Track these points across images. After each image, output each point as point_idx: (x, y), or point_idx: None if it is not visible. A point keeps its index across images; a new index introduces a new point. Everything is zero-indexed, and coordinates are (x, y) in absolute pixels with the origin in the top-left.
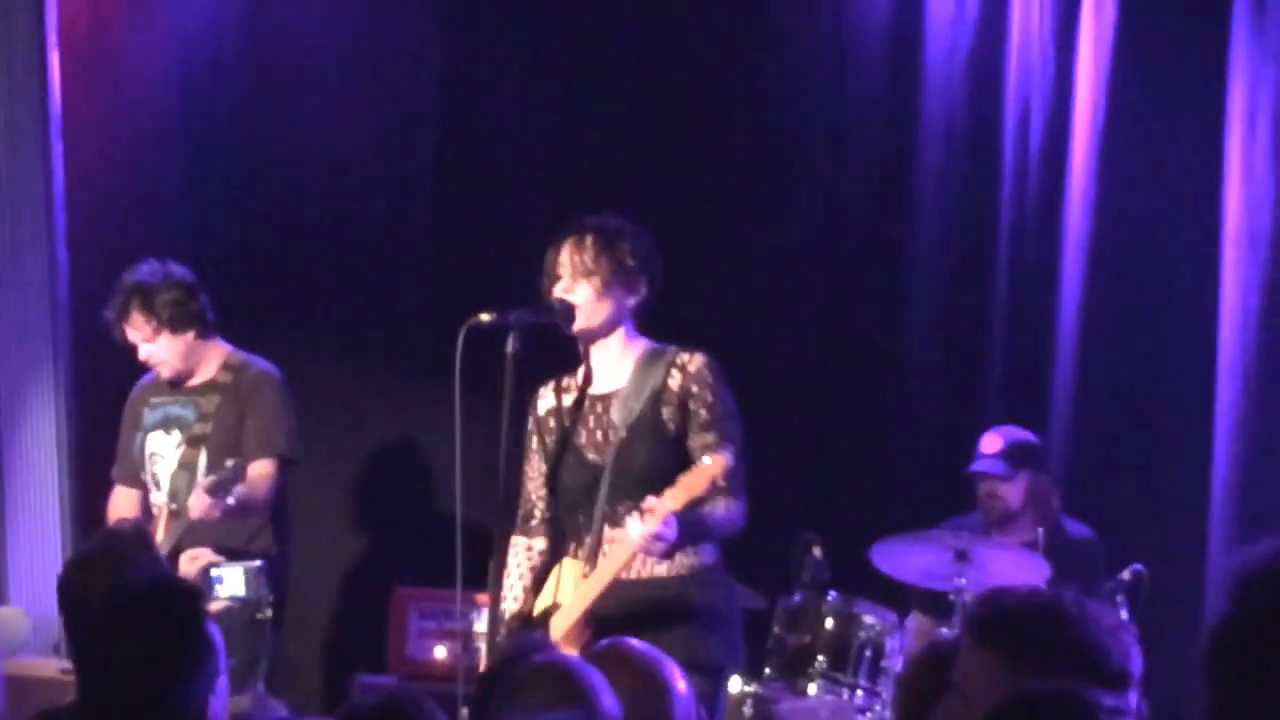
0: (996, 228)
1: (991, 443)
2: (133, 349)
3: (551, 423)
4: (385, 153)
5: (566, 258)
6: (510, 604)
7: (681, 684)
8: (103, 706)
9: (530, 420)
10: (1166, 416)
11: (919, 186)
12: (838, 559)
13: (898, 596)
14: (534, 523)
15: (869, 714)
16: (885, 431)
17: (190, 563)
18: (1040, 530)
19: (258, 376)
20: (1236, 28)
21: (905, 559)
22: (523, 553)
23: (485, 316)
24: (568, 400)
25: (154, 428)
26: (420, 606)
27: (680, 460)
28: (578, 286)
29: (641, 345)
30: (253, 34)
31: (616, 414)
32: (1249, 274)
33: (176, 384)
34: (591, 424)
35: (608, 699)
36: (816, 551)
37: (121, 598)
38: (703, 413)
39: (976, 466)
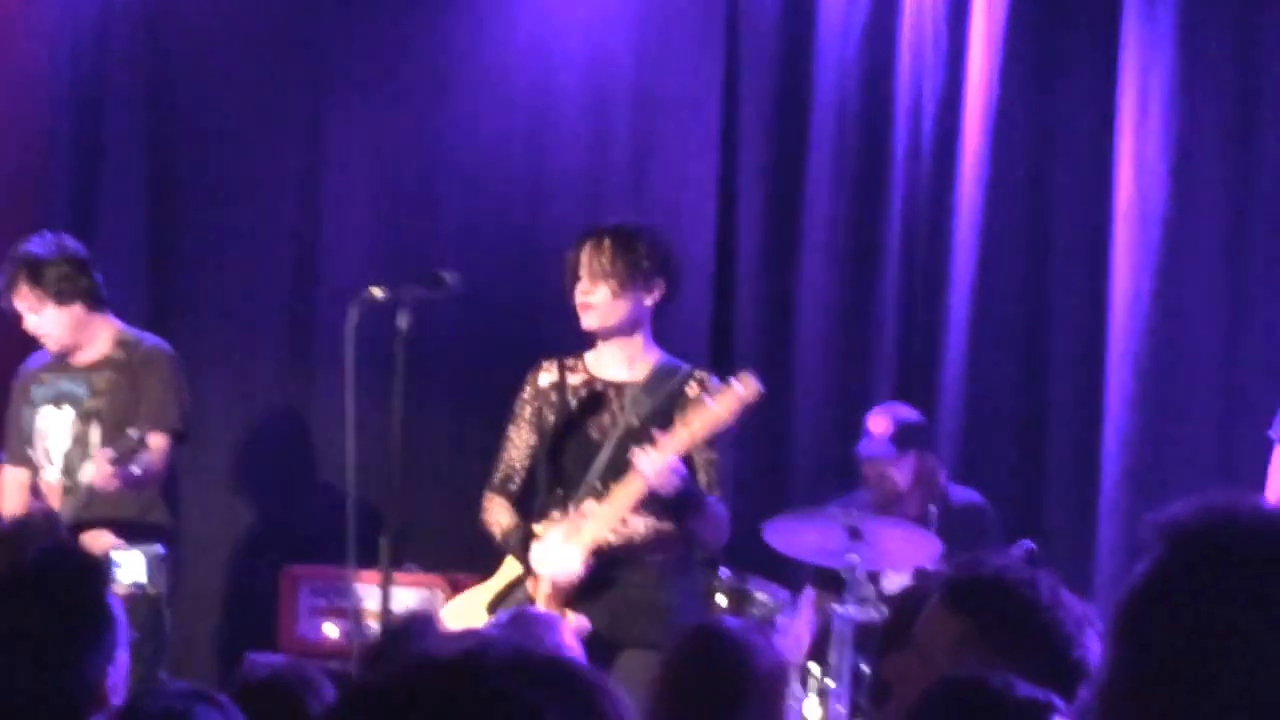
0: (889, 213)
1: (878, 424)
2: (20, 320)
3: (554, 397)
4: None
5: (585, 259)
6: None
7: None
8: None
9: (527, 390)
10: (1058, 396)
11: (812, 170)
12: (730, 537)
13: (791, 574)
14: (512, 487)
15: None
16: (777, 409)
17: (92, 542)
18: (931, 508)
19: (150, 352)
20: (1128, 10)
21: (798, 536)
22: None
23: (377, 292)
24: (574, 379)
25: (45, 403)
26: (311, 584)
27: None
28: (596, 288)
29: (658, 353)
30: (145, 26)
31: (629, 403)
32: (1141, 255)
33: (64, 359)
34: (600, 406)
35: None
36: None
37: (22, 567)
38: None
39: (865, 449)
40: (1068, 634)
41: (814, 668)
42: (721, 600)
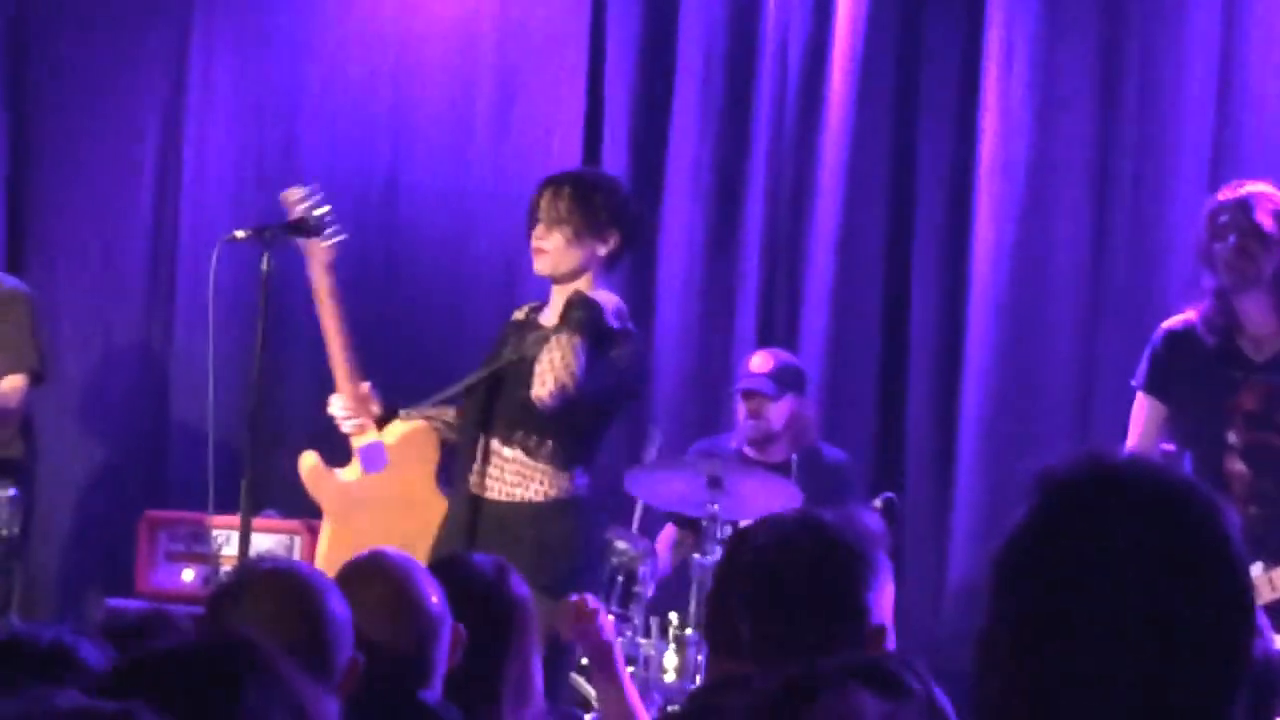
0: (753, 157)
1: (763, 362)
2: None
3: (509, 334)
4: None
5: (544, 204)
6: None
7: (435, 598)
8: None
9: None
10: (920, 344)
11: (677, 113)
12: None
13: (654, 520)
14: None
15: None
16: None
17: None
18: (793, 456)
19: (8, 294)
20: None
21: (660, 486)
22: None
23: (240, 233)
24: (527, 320)
25: None
26: (169, 529)
27: (577, 410)
28: (551, 233)
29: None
30: None
31: (530, 339)
32: (1004, 205)
33: None
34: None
35: (336, 604)
36: None
37: None
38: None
39: (746, 384)
40: (862, 579)
41: (673, 617)
42: None
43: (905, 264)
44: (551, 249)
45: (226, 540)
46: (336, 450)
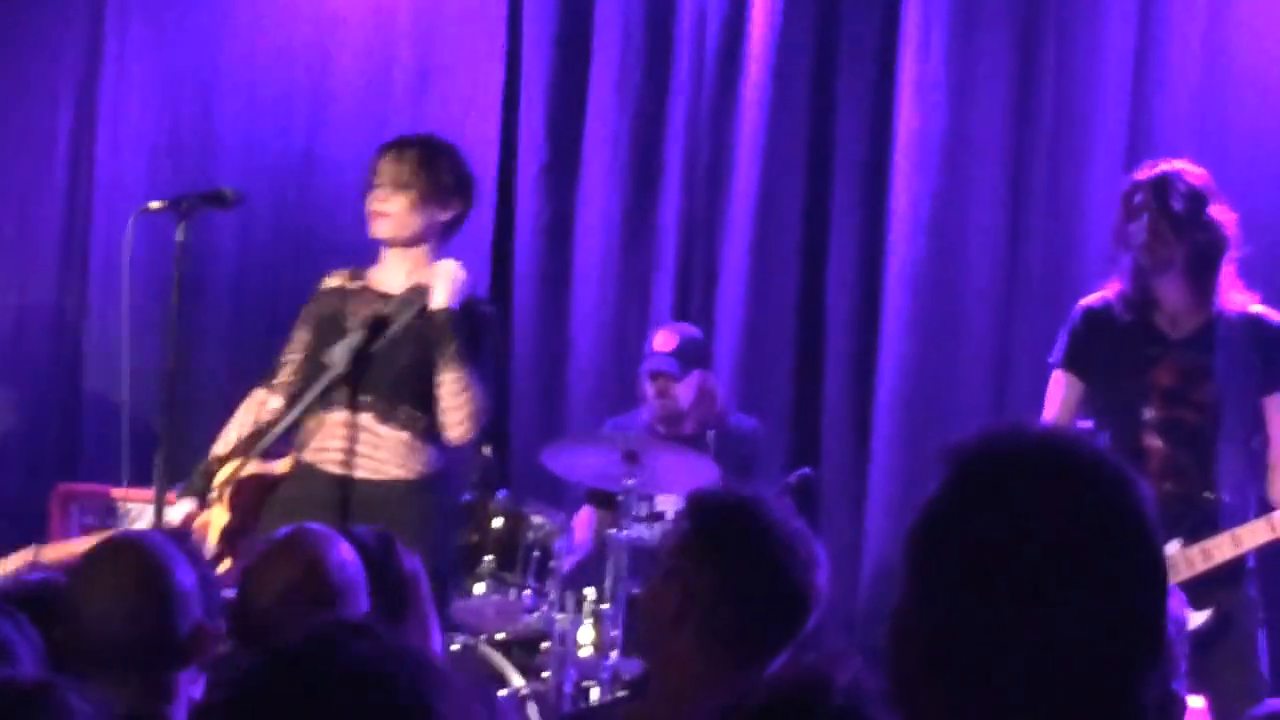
0: (670, 134)
1: (665, 341)
2: None
3: (334, 300)
4: None
5: (386, 167)
6: (219, 447)
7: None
8: None
9: (313, 294)
10: (836, 321)
11: (594, 91)
12: (509, 458)
13: (569, 496)
14: (276, 381)
15: (536, 614)
16: (557, 330)
17: None
18: (710, 433)
19: None
20: None
21: (576, 460)
22: (255, 406)
23: (155, 204)
24: (354, 285)
25: None
26: (81, 502)
27: (427, 381)
28: (393, 197)
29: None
30: None
31: (390, 306)
32: (920, 182)
33: None
34: (365, 315)
35: (183, 574)
36: (486, 451)
37: None
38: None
39: (651, 365)
40: (801, 562)
41: (589, 592)
42: (498, 523)
43: (822, 242)
44: (394, 213)
45: (140, 514)
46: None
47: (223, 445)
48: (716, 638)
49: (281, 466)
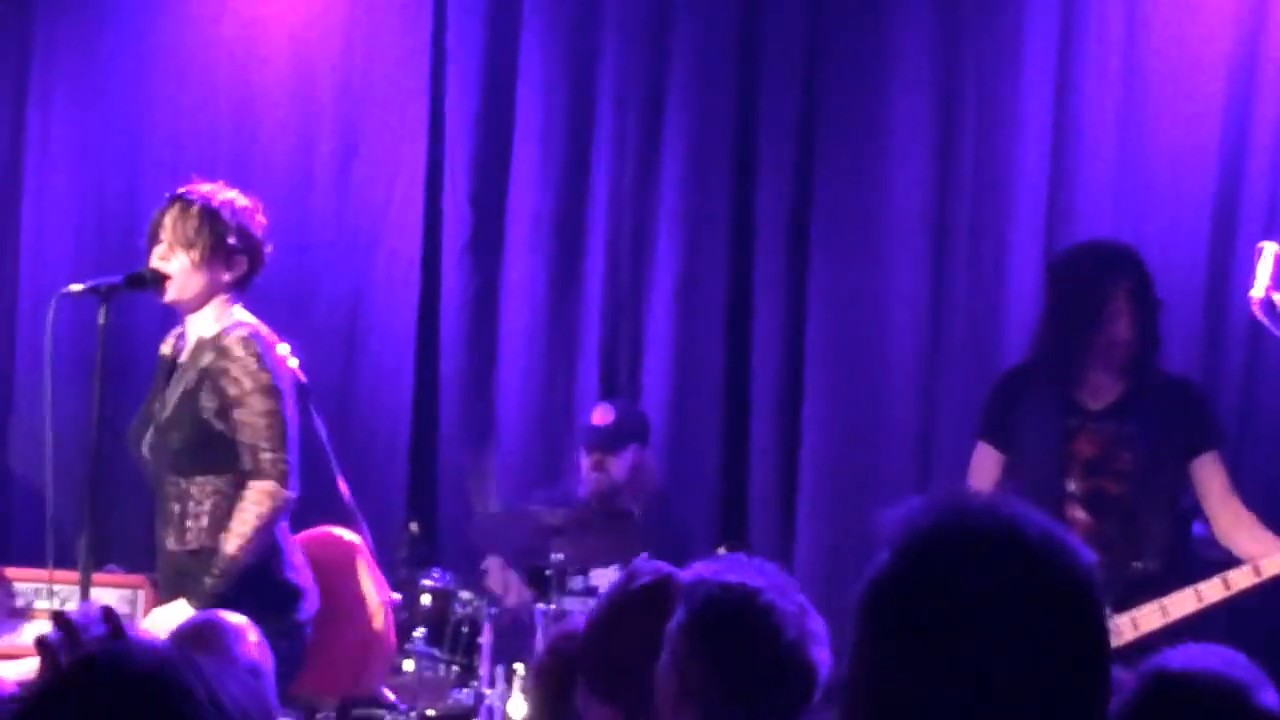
0: (594, 206)
1: (602, 415)
2: None
3: (159, 373)
4: None
5: (170, 223)
6: None
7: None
8: None
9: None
10: (761, 392)
11: (517, 164)
12: (436, 534)
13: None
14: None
15: (465, 690)
16: (483, 403)
17: None
18: (636, 506)
19: None
20: None
21: (503, 533)
22: None
23: (76, 286)
24: (172, 354)
25: None
26: (10, 586)
27: (218, 443)
28: (174, 256)
29: (226, 322)
30: None
31: (173, 381)
32: (841, 252)
33: None
34: (164, 391)
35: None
36: (414, 527)
37: None
38: (230, 389)
39: (585, 439)
40: (790, 643)
41: (518, 667)
42: (426, 600)
43: (746, 312)
44: (175, 273)
45: (70, 595)
46: None
47: None
48: None
49: None
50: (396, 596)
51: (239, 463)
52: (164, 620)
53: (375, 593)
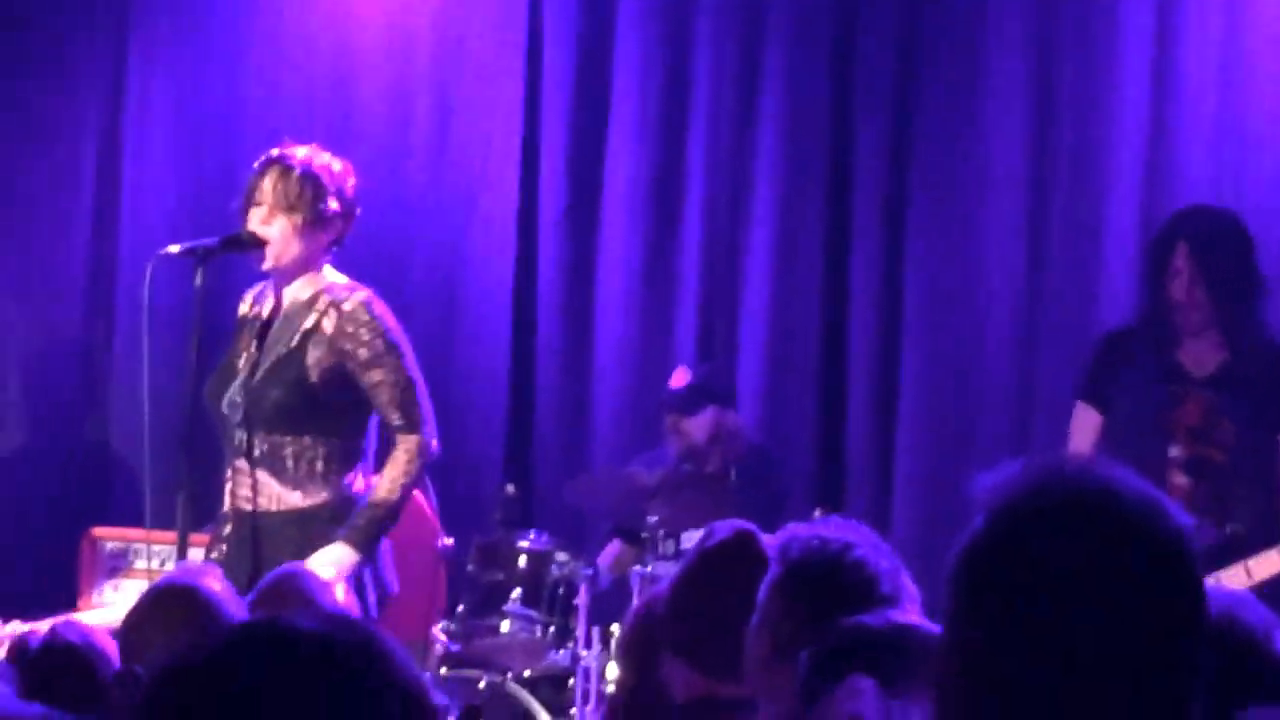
0: (690, 172)
1: (679, 377)
2: None
3: (241, 332)
4: None
5: (269, 186)
6: None
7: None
8: None
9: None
10: (858, 354)
11: (614, 132)
12: (533, 496)
13: (594, 533)
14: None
15: (561, 652)
16: (580, 370)
17: None
18: (732, 470)
19: None
20: None
21: (599, 496)
22: None
23: (174, 248)
24: (254, 314)
25: None
26: (110, 546)
27: (317, 406)
28: (275, 220)
29: (321, 284)
30: None
31: (268, 339)
32: (939, 213)
33: None
34: (253, 350)
35: (232, 611)
36: (510, 489)
37: None
38: (362, 352)
39: (663, 402)
40: (882, 598)
41: (615, 628)
42: (522, 562)
43: (843, 276)
44: (275, 237)
45: (168, 556)
46: None
47: None
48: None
49: None
50: (449, 541)
51: (342, 423)
52: (328, 563)
53: (430, 536)
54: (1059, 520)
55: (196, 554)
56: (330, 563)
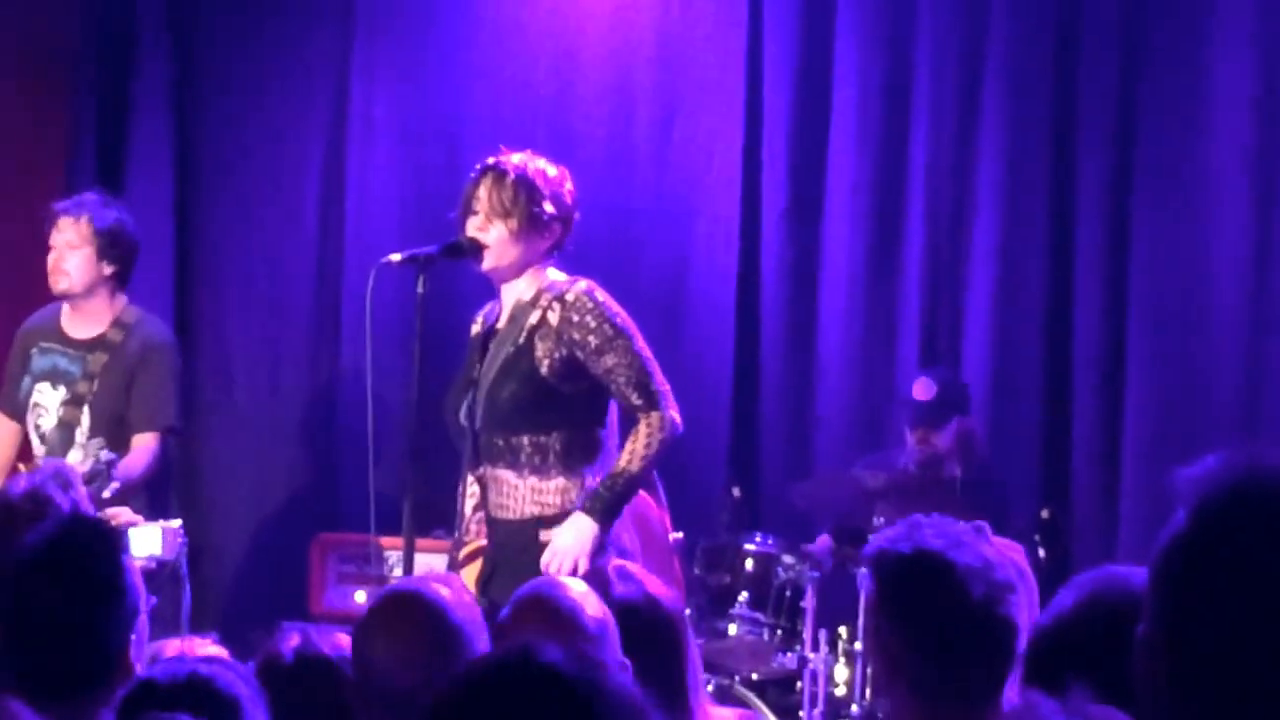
0: (912, 174)
1: (924, 390)
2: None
3: (474, 349)
4: None
5: (485, 194)
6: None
7: (590, 619)
8: (22, 642)
9: None
10: (1083, 357)
11: (835, 131)
12: (758, 499)
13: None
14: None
15: (789, 654)
16: (803, 372)
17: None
18: (958, 471)
19: (147, 342)
20: None
21: (825, 498)
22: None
23: (395, 256)
24: (485, 330)
25: (41, 378)
26: (339, 552)
27: (551, 399)
28: (492, 226)
29: (543, 282)
30: None
31: (494, 344)
32: (1161, 218)
33: (61, 332)
34: (484, 362)
35: (458, 613)
36: (736, 492)
37: (40, 536)
38: (591, 340)
39: (910, 415)
40: (983, 600)
41: (842, 631)
42: (749, 564)
43: (1067, 278)
44: (492, 243)
45: (396, 561)
46: None
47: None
48: (918, 692)
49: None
50: (678, 535)
51: (577, 413)
52: (570, 537)
53: (663, 532)
54: (1262, 515)
55: (424, 560)
56: (572, 533)
